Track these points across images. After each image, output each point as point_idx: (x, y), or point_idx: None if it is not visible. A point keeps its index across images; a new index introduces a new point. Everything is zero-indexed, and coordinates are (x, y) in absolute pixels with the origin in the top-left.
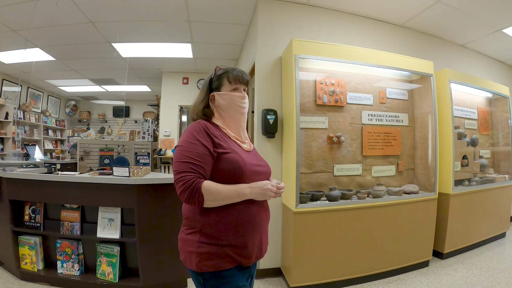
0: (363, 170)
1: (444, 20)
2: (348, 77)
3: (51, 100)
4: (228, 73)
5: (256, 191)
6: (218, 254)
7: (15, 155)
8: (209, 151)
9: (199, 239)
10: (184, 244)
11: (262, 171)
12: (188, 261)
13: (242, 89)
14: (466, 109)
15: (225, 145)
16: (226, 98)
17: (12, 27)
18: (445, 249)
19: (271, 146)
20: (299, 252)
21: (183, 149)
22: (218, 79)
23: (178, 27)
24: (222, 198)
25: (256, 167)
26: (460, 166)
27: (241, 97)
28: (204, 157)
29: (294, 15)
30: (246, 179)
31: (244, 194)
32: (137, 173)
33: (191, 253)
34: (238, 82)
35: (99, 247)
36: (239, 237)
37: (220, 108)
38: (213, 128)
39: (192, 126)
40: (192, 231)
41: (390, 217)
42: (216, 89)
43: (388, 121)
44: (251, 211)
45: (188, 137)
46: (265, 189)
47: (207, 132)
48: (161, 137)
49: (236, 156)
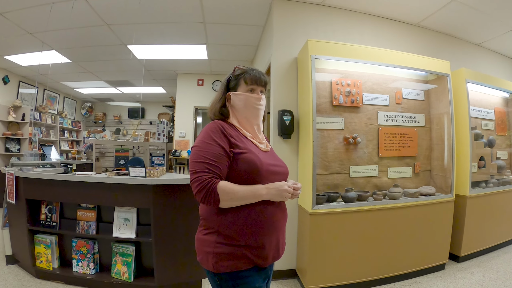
0: (379, 171)
1: (460, 19)
2: (364, 78)
3: (67, 102)
4: (246, 74)
5: (272, 192)
6: (235, 255)
7: (31, 156)
8: (225, 151)
9: (216, 239)
10: (201, 245)
11: (279, 171)
12: (205, 261)
13: (259, 90)
14: (482, 109)
15: (242, 145)
16: (242, 99)
17: (29, 30)
18: (462, 252)
19: (287, 147)
20: (315, 254)
21: (199, 149)
22: (236, 79)
23: (193, 29)
24: (238, 198)
25: (273, 167)
26: (477, 167)
27: (256, 98)
28: (220, 157)
29: (309, 15)
30: (262, 179)
31: (260, 195)
32: (153, 174)
33: (208, 254)
34: (254, 83)
35: (115, 246)
36: (256, 237)
37: (235, 108)
38: (230, 128)
39: (208, 126)
40: (209, 231)
41: (406, 219)
42: (233, 89)
43: (404, 122)
44: (268, 212)
45: (204, 137)
46: (282, 190)
47: (223, 132)
48: (176, 138)
49: (253, 156)
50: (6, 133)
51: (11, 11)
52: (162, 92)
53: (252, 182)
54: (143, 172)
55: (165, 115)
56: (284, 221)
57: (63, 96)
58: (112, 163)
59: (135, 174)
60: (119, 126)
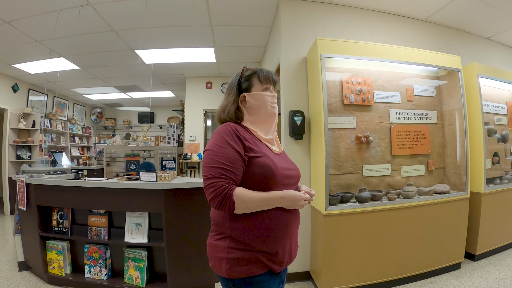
0: (393, 170)
1: (469, 12)
2: (375, 75)
3: (77, 108)
4: (259, 73)
5: (288, 203)
6: (249, 260)
7: (42, 162)
8: (240, 155)
9: (228, 244)
10: (213, 250)
11: (292, 175)
12: (217, 267)
13: (271, 88)
14: (495, 104)
15: (256, 148)
16: (258, 98)
17: (36, 38)
18: (477, 251)
19: (299, 148)
20: (329, 256)
21: (213, 153)
22: (248, 79)
23: (200, 32)
24: (253, 206)
25: (286, 171)
26: (491, 163)
27: (272, 96)
28: (235, 161)
29: (317, 14)
30: (277, 183)
31: (275, 204)
32: (164, 178)
33: (221, 259)
34: (268, 82)
35: (127, 251)
36: (270, 244)
37: (251, 109)
38: (244, 131)
39: (222, 129)
40: (221, 236)
41: (421, 218)
42: (246, 90)
43: (416, 119)
44: (282, 217)
45: (218, 141)
46: (298, 201)
47: (237, 135)
48: (186, 141)
49: (268, 160)
50: (16, 140)
51: (18, 19)
52: (171, 96)
53: (267, 186)
54: (154, 176)
55: (175, 119)
56: (297, 225)
57: (72, 103)
58: (123, 168)
59: (146, 179)
60: (129, 131)
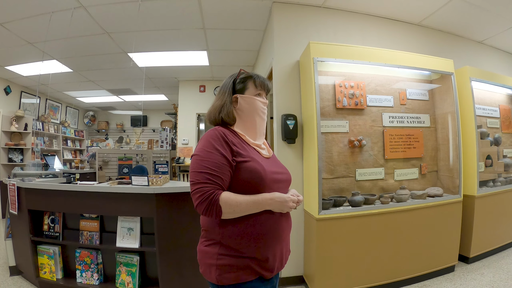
0: (386, 173)
1: (461, 16)
2: (368, 79)
3: (70, 111)
4: (255, 78)
5: (276, 205)
6: (239, 266)
7: (34, 166)
8: (227, 160)
9: (218, 251)
10: (203, 256)
11: (282, 179)
12: (207, 273)
13: (264, 95)
14: (487, 107)
15: (244, 153)
16: (250, 102)
17: (29, 40)
18: (471, 253)
19: (291, 152)
20: (322, 260)
21: (199, 158)
22: (243, 82)
23: (193, 35)
24: (241, 210)
25: (276, 175)
26: (484, 166)
27: (264, 103)
28: (222, 166)
29: (310, 18)
30: (266, 188)
31: (263, 207)
32: (156, 182)
33: (211, 266)
34: (262, 89)
35: (119, 256)
36: (260, 250)
37: (241, 111)
38: (232, 135)
39: (209, 134)
40: (211, 242)
41: (414, 222)
42: (239, 92)
43: (409, 123)
44: (272, 222)
45: (205, 146)
46: (286, 204)
47: (225, 140)
48: (179, 145)
49: (256, 164)
50: (8, 143)
51: (11, 21)
52: (164, 99)
53: (255, 191)
54: (146, 180)
55: (168, 123)
56: (289, 230)
57: (65, 106)
58: (116, 172)
59: (137, 183)
60: (122, 134)
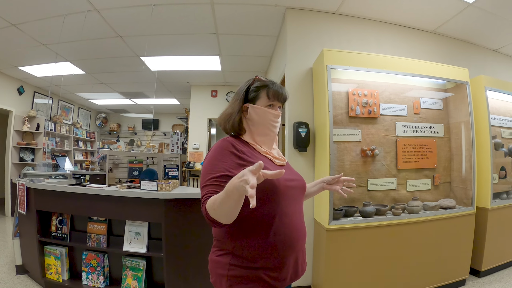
0: (398, 184)
1: (476, 24)
2: (381, 88)
3: (82, 112)
4: (269, 88)
5: (235, 184)
6: (251, 278)
7: (44, 166)
8: (230, 171)
9: (230, 261)
10: (214, 266)
11: (296, 186)
12: (218, 284)
13: (277, 106)
14: (502, 117)
15: (256, 161)
16: (260, 113)
17: (42, 41)
18: (483, 267)
19: (303, 160)
20: (331, 271)
21: (206, 171)
22: (257, 90)
23: (206, 40)
24: (219, 205)
25: (290, 182)
26: (498, 178)
27: (275, 115)
28: (224, 177)
29: (323, 24)
30: (280, 196)
31: (231, 191)
32: (165, 187)
33: (222, 276)
34: (276, 99)
35: (125, 260)
36: (274, 259)
37: (251, 121)
38: (241, 145)
39: (217, 145)
40: (223, 252)
41: (426, 234)
42: (251, 100)
43: (423, 133)
44: (286, 231)
45: (212, 158)
46: (243, 175)
47: (232, 152)
48: (190, 150)
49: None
50: (20, 142)
51: (25, 22)
52: (176, 103)
53: (269, 200)
54: (155, 185)
55: (179, 127)
56: (304, 238)
57: (77, 107)
58: (126, 174)
59: (146, 188)
60: (133, 137)
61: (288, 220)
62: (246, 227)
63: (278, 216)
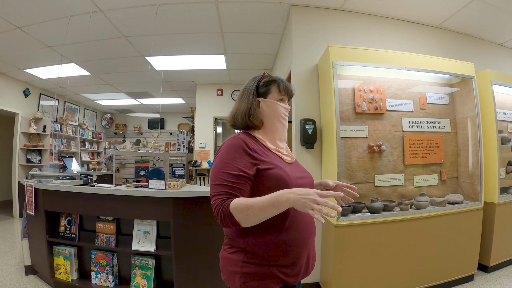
0: (405, 179)
1: (481, 18)
2: (387, 83)
3: (88, 113)
4: (279, 83)
5: (295, 199)
6: (265, 274)
7: (52, 167)
8: (245, 171)
9: (243, 258)
10: (226, 264)
11: (306, 183)
12: (231, 281)
13: (286, 101)
14: (508, 111)
15: (268, 160)
16: (272, 107)
17: (48, 43)
18: (491, 262)
19: (310, 157)
20: (340, 267)
21: (218, 169)
22: (267, 85)
23: (211, 39)
24: (255, 213)
25: (300, 180)
26: (505, 172)
27: (286, 108)
28: (240, 177)
29: (328, 21)
30: None
31: (281, 203)
32: (173, 186)
33: (235, 273)
34: (285, 94)
35: (134, 259)
36: (287, 256)
37: (263, 116)
38: (253, 142)
39: (229, 143)
40: (235, 250)
41: (433, 229)
42: (262, 95)
43: (429, 128)
44: (299, 228)
45: (224, 156)
46: (309, 195)
47: (244, 149)
48: (196, 148)
49: (280, 171)
50: (27, 144)
51: (30, 25)
52: (181, 102)
53: None
54: (163, 184)
55: (185, 126)
56: (314, 235)
57: (83, 108)
58: (132, 174)
59: (154, 187)
60: (139, 137)
61: (300, 217)
62: (259, 225)
63: (290, 214)
